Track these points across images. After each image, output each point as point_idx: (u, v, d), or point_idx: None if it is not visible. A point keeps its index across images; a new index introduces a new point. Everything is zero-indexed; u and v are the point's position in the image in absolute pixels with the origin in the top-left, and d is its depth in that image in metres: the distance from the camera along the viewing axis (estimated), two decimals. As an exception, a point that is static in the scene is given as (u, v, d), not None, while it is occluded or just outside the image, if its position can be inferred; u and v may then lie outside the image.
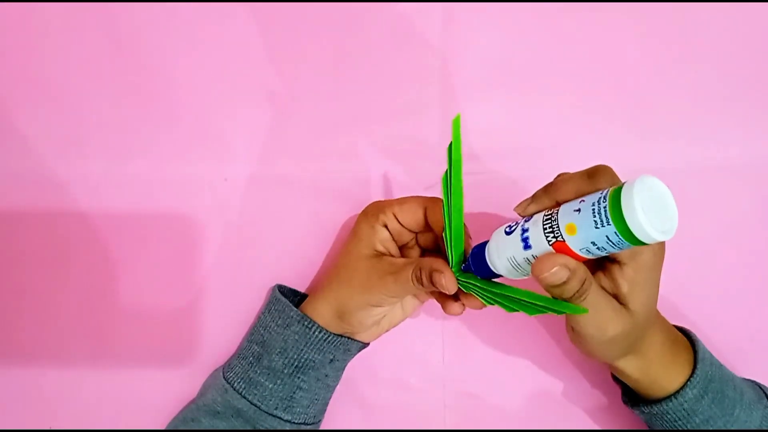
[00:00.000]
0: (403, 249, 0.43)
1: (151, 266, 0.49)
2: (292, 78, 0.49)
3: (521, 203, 0.36)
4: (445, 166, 0.36)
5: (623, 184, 0.30)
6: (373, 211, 0.42)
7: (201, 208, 0.49)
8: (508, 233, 0.35)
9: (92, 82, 0.48)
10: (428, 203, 0.41)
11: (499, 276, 0.36)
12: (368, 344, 0.45)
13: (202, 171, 0.49)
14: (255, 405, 0.42)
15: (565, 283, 0.32)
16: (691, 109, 0.50)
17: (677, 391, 0.39)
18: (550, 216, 0.33)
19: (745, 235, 0.50)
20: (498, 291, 0.36)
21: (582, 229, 0.31)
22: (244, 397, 0.42)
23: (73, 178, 0.48)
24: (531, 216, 0.35)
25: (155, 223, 0.49)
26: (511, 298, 0.35)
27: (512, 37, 0.49)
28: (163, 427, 0.46)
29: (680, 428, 0.40)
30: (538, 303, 0.34)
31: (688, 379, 0.39)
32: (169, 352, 0.49)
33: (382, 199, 0.43)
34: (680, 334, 0.42)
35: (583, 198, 0.32)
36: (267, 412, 0.42)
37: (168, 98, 0.48)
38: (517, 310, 0.35)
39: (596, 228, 0.30)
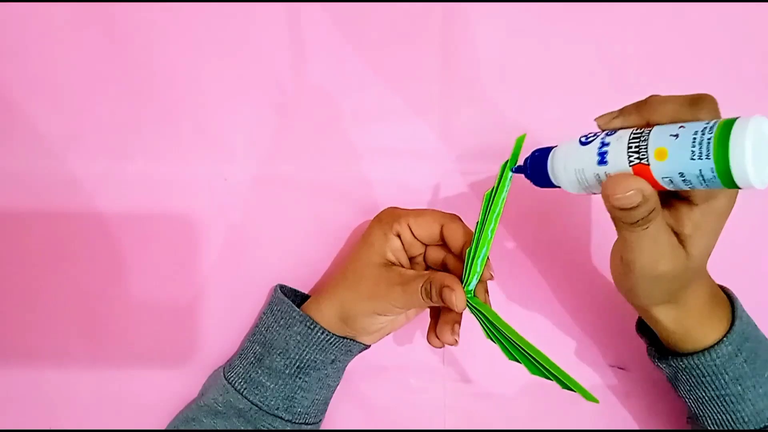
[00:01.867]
0: (410, 262, 0.43)
1: (151, 266, 0.49)
2: (291, 78, 0.48)
3: (605, 115, 0.33)
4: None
5: (735, 118, 0.27)
6: (388, 218, 0.42)
7: (201, 208, 0.49)
8: (583, 144, 0.32)
9: (92, 82, 0.48)
10: (446, 220, 0.40)
11: (556, 187, 0.34)
12: (369, 346, 0.45)
13: (202, 171, 0.49)
14: (256, 405, 0.42)
15: (633, 208, 0.30)
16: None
17: (712, 346, 0.38)
18: (639, 135, 0.30)
19: (745, 236, 0.50)
20: (504, 332, 0.34)
21: (674, 157, 0.28)
22: (245, 397, 0.42)
23: (73, 178, 0.48)
24: (613, 131, 0.32)
25: (155, 223, 0.49)
26: (515, 346, 0.34)
27: (512, 37, 0.49)
28: (163, 427, 0.46)
29: (707, 384, 0.39)
30: (545, 366, 0.32)
31: (725, 335, 0.38)
32: (169, 352, 0.49)
33: (398, 207, 0.43)
34: (720, 290, 0.40)
35: (683, 124, 0.29)
36: (268, 412, 0.42)
37: (168, 98, 0.48)
38: (518, 361, 0.34)
39: (692, 159, 0.27)
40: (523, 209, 0.49)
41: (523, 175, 0.36)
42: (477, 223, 0.37)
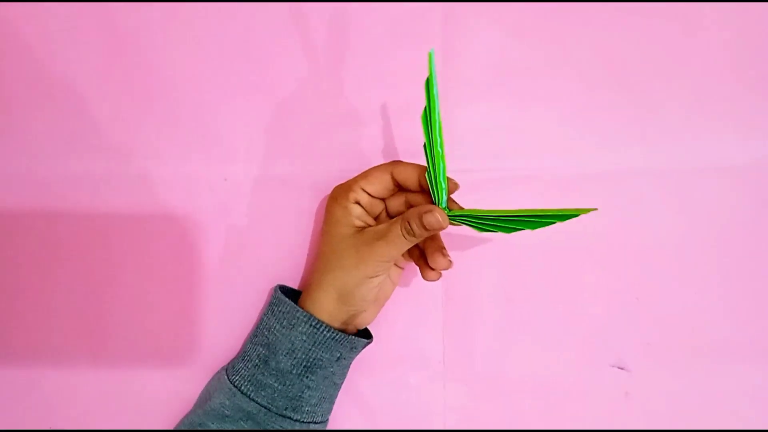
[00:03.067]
0: (376, 221, 0.44)
1: (151, 266, 0.49)
2: (292, 78, 0.49)
3: None
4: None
5: None
6: (341, 192, 0.43)
7: (201, 208, 0.49)
8: None
9: (92, 82, 0.48)
10: (392, 166, 0.42)
11: None
12: (372, 340, 0.45)
13: (202, 171, 0.49)
14: (264, 407, 0.42)
15: None
16: (691, 110, 0.50)
17: None
18: None
19: (745, 236, 0.50)
20: (493, 216, 0.37)
21: None
22: (253, 400, 0.42)
23: (73, 178, 0.48)
24: None
25: (155, 223, 0.48)
26: (508, 219, 0.36)
27: (512, 37, 0.49)
28: (163, 428, 0.46)
29: None
30: (542, 216, 0.34)
31: None
32: (169, 353, 0.49)
33: (344, 180, 0.44)
34: None
35: None
36: (276, 413, 0.42)
37: (168, 98, 0.48)
38: (519, 229, 0.36)
39: None
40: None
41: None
42: (424, 145, 0.38)
